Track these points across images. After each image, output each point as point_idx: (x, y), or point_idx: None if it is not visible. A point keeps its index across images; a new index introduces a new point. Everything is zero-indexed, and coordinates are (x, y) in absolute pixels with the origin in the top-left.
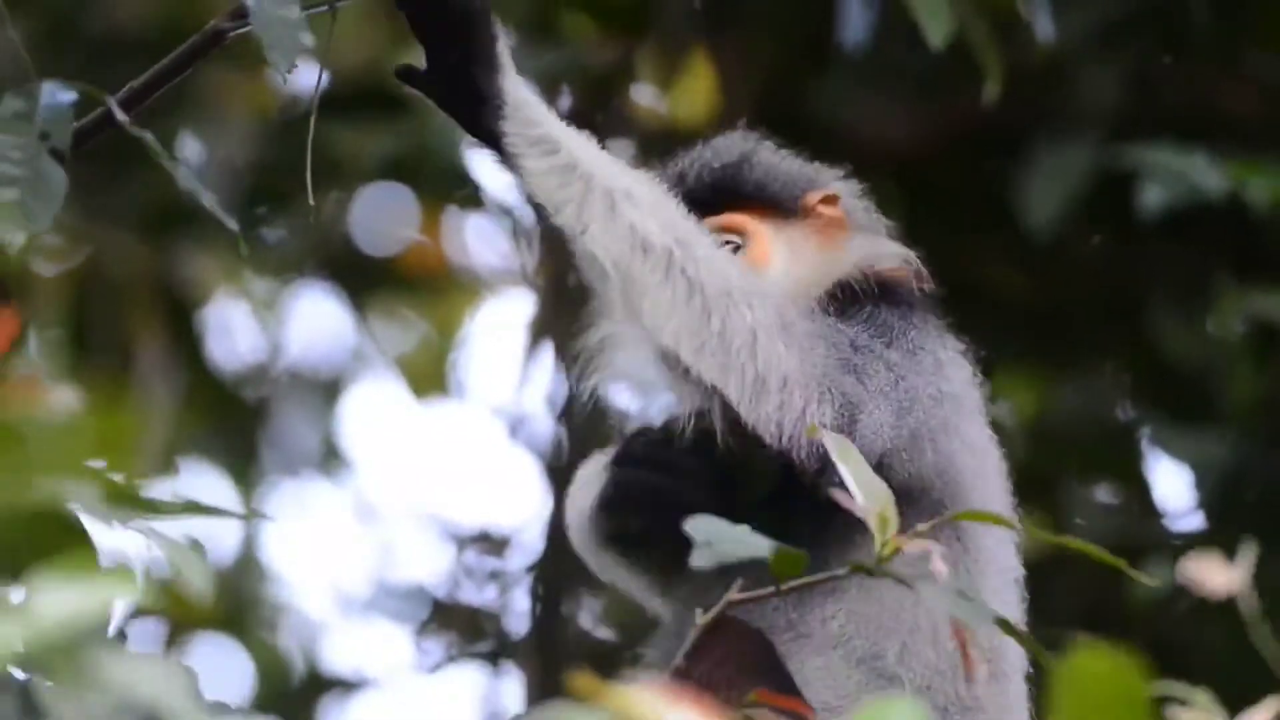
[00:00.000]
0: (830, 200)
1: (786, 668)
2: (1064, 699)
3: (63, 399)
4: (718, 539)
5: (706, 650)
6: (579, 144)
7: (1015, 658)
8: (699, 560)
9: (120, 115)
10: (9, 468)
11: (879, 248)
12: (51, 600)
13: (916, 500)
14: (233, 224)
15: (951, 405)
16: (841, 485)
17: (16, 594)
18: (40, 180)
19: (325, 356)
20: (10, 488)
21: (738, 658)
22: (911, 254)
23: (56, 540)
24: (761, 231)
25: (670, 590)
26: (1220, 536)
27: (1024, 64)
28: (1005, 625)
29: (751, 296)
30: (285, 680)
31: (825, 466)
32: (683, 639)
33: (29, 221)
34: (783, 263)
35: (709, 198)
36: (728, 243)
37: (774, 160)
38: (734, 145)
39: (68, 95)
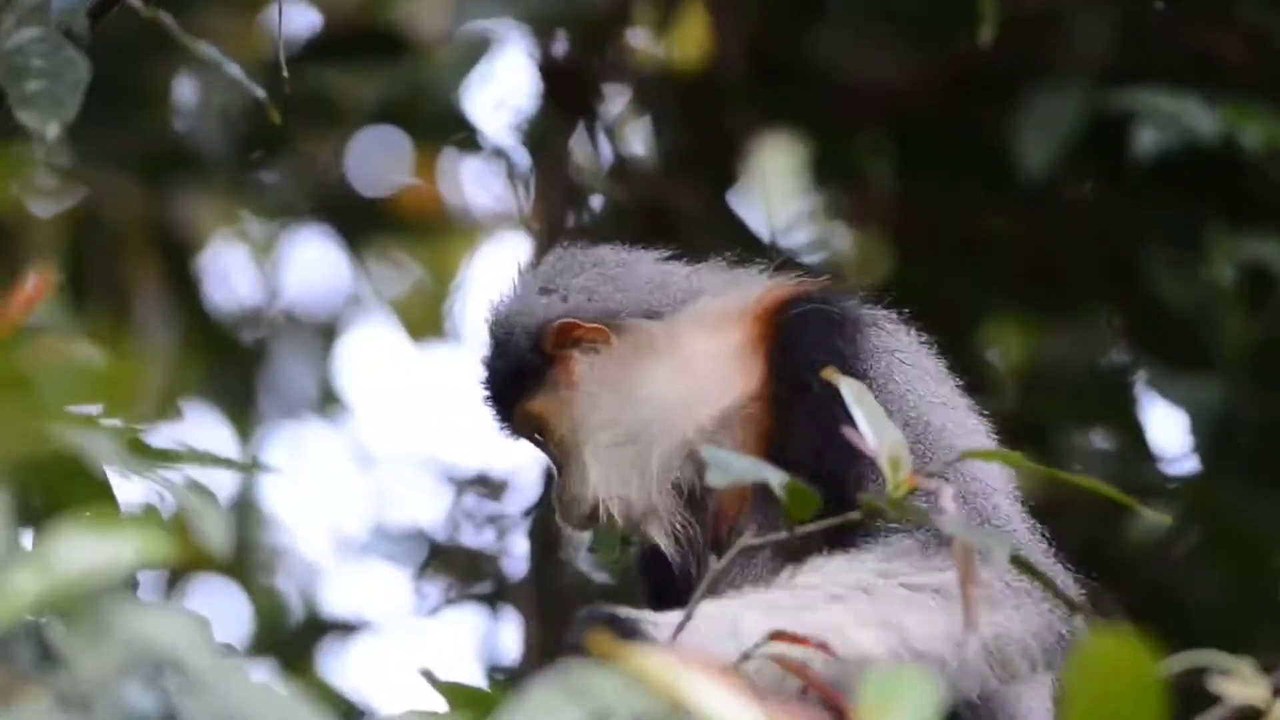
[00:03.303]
0: (565, 332)
1: None
2: (1077, 686)
3: (71, 347)
4: (733, 463)
5: None
6: None
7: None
8: (714, 480)
9: None
10: (22, 413)
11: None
12: (70, 549)
13: None
14: (260, 92)
15: (953, 428)
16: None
17: (34, 541)
18: (65, 70)
19: (322, 300)
20: (24, 434)
21: None
22: None
23: (73, 488)
24: (546, 410)
25: None
26: (1215, 480)
27: (1017, 10)
28: (1020, 561)
29: None
30: (284, 623)
31: None
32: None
33: (58, 110)
34: (585, 410)
35: (505, 402)
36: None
37: (512, 341)
38: (488, 341)
39: None
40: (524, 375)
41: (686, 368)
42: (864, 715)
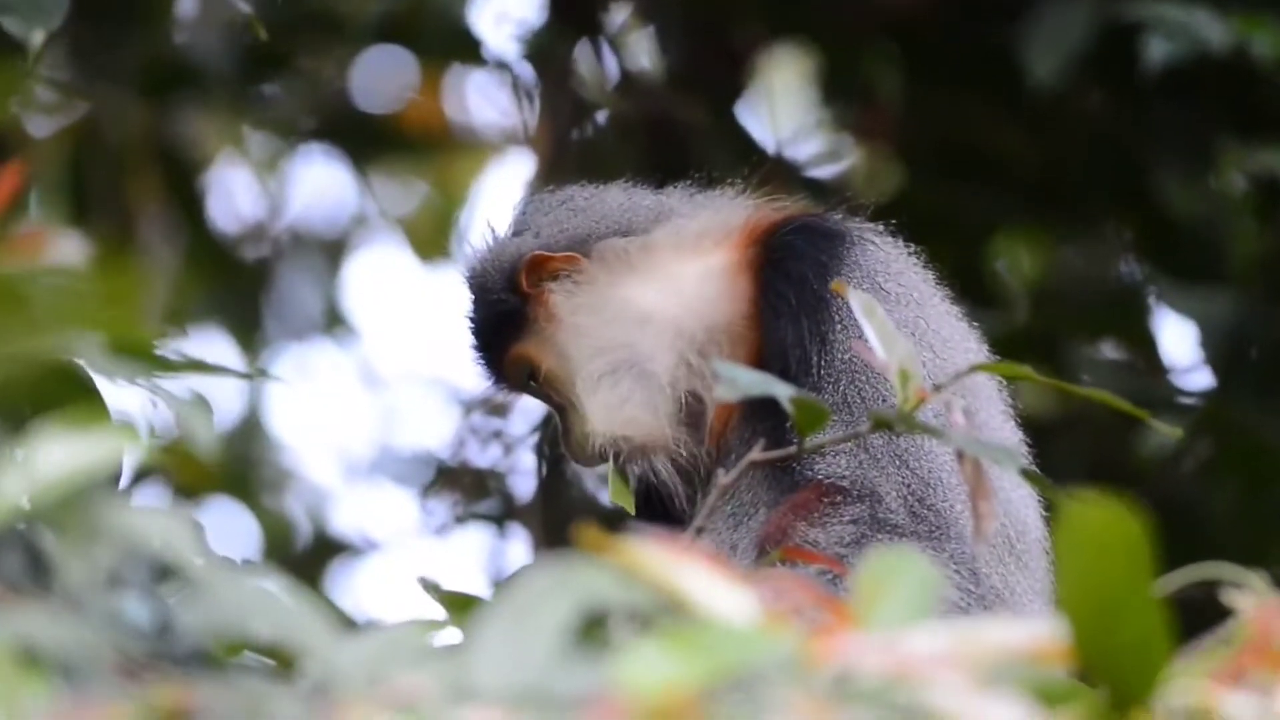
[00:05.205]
0: (537, 265)
1: None
2: (1066, 551)
3: (68, 251)
4: (742, 377)
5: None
6: None
7: (1037, 543)
8: (724, 394)
9: None
10: (15, 322)
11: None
12: (55, 453)
13: None
14: (245, 6)
15: (945, 351)
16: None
17: (23, 449)
18: None
19: (327, 219)
20: (17, 342)
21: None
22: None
23: (65, 396)
24: (534, 351)
25: None
26: (1226, 393)
27: None
28: (1026, 472)
29: None
30: (291, 544)
31: None
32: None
33: (43, 18)
34: (566, 351)
35: (494, 352)
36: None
37: (488, 287)
38: (467, 297)
39: None
40: (506, 320)
41: (669, 286)
42: (859, 599)
